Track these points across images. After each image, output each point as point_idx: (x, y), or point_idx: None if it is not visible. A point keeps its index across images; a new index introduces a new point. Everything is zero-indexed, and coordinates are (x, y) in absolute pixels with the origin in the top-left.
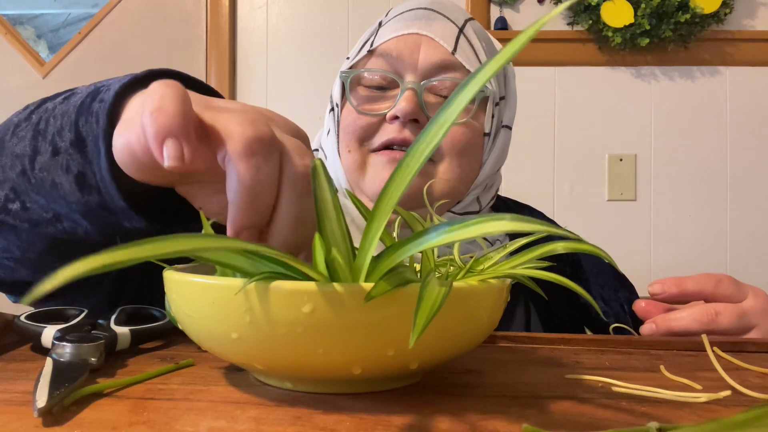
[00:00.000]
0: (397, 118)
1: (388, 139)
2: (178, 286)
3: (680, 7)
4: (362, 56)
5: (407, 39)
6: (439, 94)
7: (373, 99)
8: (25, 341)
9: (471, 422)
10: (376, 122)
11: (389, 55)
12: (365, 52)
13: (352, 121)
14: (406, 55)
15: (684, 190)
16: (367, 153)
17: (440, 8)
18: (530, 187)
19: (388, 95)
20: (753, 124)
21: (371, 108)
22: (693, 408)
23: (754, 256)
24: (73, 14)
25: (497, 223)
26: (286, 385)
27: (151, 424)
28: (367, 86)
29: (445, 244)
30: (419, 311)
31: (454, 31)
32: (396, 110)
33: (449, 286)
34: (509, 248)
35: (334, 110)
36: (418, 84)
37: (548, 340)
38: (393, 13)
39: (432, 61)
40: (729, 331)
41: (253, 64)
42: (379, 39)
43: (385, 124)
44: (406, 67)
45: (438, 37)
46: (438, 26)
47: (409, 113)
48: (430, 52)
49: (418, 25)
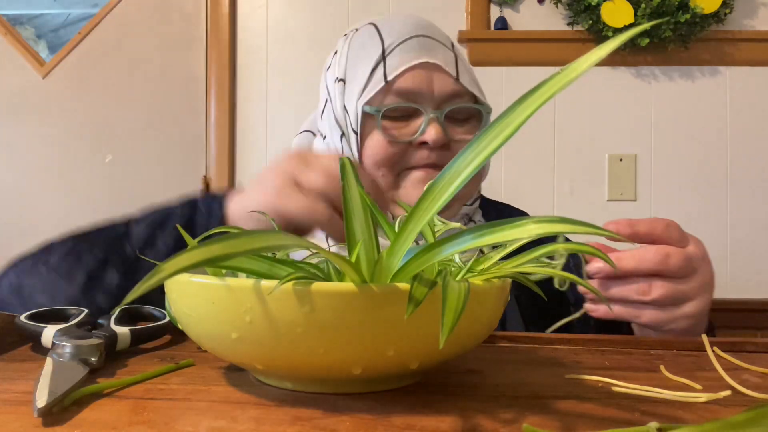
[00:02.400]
0: (426, 143)
1: (422, 163)
2: (178, 286)
3: (680, 7)
4: (378, 89)
5: (420, 72)
6: (454, 118)
7: (399, 127)
8: (26, 341)
9: (471, 422)
10: (404, 148)
11: (410, 90)
12: (380, 83)
13: (382, 149)
14: (424, 88)
15: (684, 190)
16: (397, 174)
17: (433, 34)
18: (530, 187)
19: (410, 124)
20: (753, 124)
21: (399, 135)
22: (693, 408)
23: (754, 256)
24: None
25: (525, 228)
26: (286, 385)
27: (151, 424)
28: (390, 118)
29: (480, 246)
30: (445, 311)
31: (452, 57)
32: (427, 138)
33: (468, 285)
34: (509, 248)
35: (348, 137)
36: (440, 112)
37: (548, 340)
38: (392, 40)
39: (445, 92)
40: (676, 273)
41: (253, 64)
42: (391, 71)
43: (411, 148)
44: (425, 98)
45: (443, 64)
46: (440, 54)
47: (439, 141)
48: (441, 82)
49: (426, 55)
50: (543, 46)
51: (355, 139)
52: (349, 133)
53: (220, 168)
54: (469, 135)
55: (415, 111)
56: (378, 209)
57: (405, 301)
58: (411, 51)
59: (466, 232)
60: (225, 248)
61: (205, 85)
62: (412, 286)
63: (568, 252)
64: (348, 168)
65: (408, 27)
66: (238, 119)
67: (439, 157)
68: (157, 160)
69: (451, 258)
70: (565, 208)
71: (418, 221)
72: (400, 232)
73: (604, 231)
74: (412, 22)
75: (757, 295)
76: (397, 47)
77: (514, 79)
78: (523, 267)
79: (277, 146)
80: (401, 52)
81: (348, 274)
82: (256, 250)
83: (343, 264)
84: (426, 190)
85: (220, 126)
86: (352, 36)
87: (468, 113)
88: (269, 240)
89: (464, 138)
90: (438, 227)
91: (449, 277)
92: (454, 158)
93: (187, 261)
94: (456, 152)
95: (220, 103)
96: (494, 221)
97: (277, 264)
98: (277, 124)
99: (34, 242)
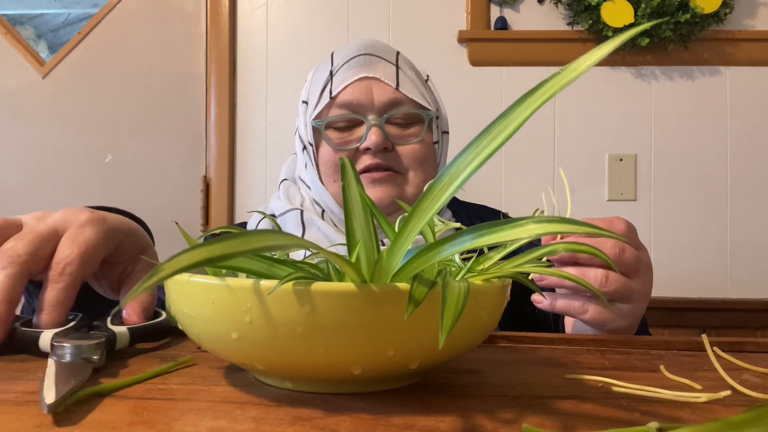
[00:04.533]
0: (369, 149)
1: (365, 166)
2: (178, 286)
3: (680, 7)
4: (324, 104)
5: (360, 85)
6: (394, 123)
7: (344, 137)
8: (24, 349)
9: (471, 422)
10: (351, 155)
11: (350, 101)
12: (326, 99)
13: (331, 158)
14: (363, 99)
15: (684, 190)
16: None
17: (376, 51)
18: (530, 187)
19: (354, 132)
20: (753, 124)
21: (345, 144)
22: (693, 408)
23: (754, 256)
24: (73, 14)
25: (525, 228)
26: (286, 385)
27: (151, 424)
28: (336, 128)
29: (479, 246)
30: (445, 312)
31: (393, 70)
32: (369, 143)
33: (468, 285)
34: (509, 248)
35: (307, 149)
36: (380, 119)
37: (548, 340)
38: (338, 62)
39: (384, 100)
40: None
41: (253, 64)
42: (336, 87)
43: (359, 153)
44: (365, 108)
45: (383, 77)
46: (380, 68)
47: (380, 144)
48: (380, 92)
49: (366, 70)
50: (543, 46)
51: (312, 150)
52: (307, 146)
53: (220, 168)
54: (414, 137)
55: (358, 121)
56: (378, 210)
57: (405, 301)
58: (353, 68)
59: (466, 232)
60: (225, 248)
61: (205, 84)
62: (412, 286)
63: (566, 251)
64: (348, 168)
65: (353, 49)
66: (238, 119)
67: (385, 159)
68: (157, 160)
69: (451, 258)
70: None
71: (418, 221)
72: (400, 232)
73: (605, 232)
74: (358, 44)
75: (757, 295)
76: (342, 67)
77: (514, 79)
78: (523, 267)
79: (278, 146)
80: (345, 71)
81: (348, 274)
82: (256, 250)
83: (343, 264)
84: (426, 190)
85: (220, 126)
86: (318, 65)
87: (411, 118)
88: (269, 240)
89: (408, 140)
90: (438, 227)
91: (449, 277)
92: (454, 158)
93: (187, 261)
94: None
95: (220, 103)
96: (494, 221)
97: (276, 264)
98: (277, 124)
99: None
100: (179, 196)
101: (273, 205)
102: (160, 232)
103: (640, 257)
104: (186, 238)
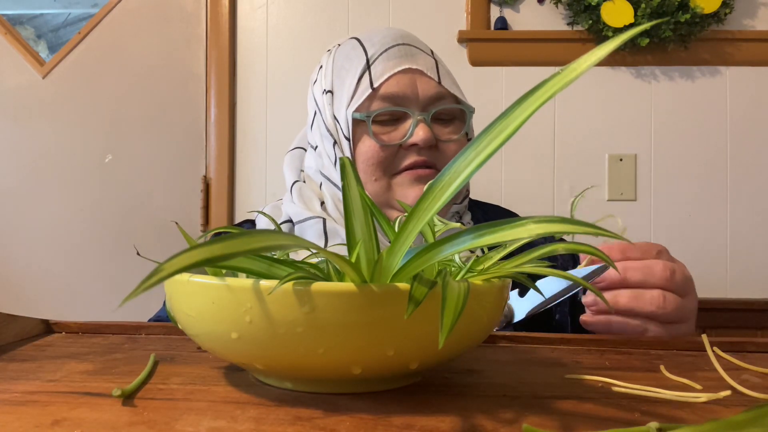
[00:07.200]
0: (415, 144)
1: (412, 162)
2: (178, 286)
3: (680, 7)
4: (366, 95)
5: (404, 77)
6: (440, 119)
7: (388, 132)
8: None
9: (471, 422)
10: (394, 151)
11: (395, 94)
12: (367, 90)
13: (374, 154)
14: (408, 92)
15: (684, 190)
16: (390, 177)
17: (414, 42)
18: (530, 187)
19: (398, 127)
20: (753, 124)
21: (389, 139)
22: (693, 408)
23: (754, 256)
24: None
25: (525, 228)
26: (286, 385)
27: (151, 424)
28: (379, 122)
29: (480, 246)
30: (445, 311)
31: (433, 63)
32: (417, 139)
33: (468, 285)
34: (509, 248)
35: (340, 144)
36: (426, 114)
37: (548, 340)
38: (375, 50)
39: (429, 95)
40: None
41: (253, 64)
42: (377, 78)
43: (402, 150)
44: (410, 102)
45: (425, 69)
46: (421, 60)
47: (429, 140)
48: (425, 86)
49: (408, 61)
50: (543, 46)
51: (348, 145)
52: (341, 140)
53: (220, 168)
54: (454, 134)
55: (402, 115)
56: (378, 210)
57: (405, 301)
58: (394, 58)
59: (466, 232)
60: (225, 248)
61: (205, 84)
62: (411, 286)
63: (568, 252)
64: (348, 168)
65: (389, 38)
66: (238, 119)
67: (430, 156)
68: (157, 160)
69: (451, 258)
70: (565, 208)
71: (418, 221)
72: (400, 232)
73: (605, 231)
74: (392, 33)
75: (757, 295)
76: (381, 56)
77: (514, 79)
78: (523, 267)
79: (278, 146)
80: (385, 60)
81: (348, 274)
82: (256, 250)
83: (343, 264)
84: (426, 190)
85: (220, 126)
86: (336, 50)
87: (452, 114)
88: (269, 240)
89: (450, 137)
90: (438, 227)
91: (449, 277)
92: (454, 158)
93: (187, 261)
94: (444, 151)
95: (220, 103)
96: (494, 221)
97: (276, 264)
98: (277, 124)
99: (33, 242)
100: (179, 196)
101: (289, 210)
102: (160, 232)
103: (688, 276)
104: (186, 238)
